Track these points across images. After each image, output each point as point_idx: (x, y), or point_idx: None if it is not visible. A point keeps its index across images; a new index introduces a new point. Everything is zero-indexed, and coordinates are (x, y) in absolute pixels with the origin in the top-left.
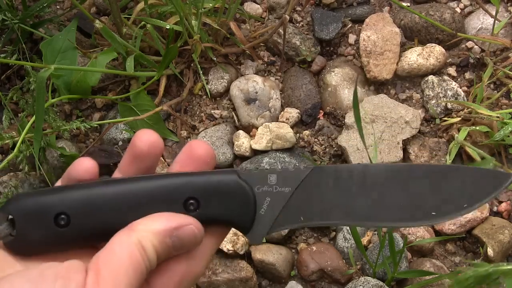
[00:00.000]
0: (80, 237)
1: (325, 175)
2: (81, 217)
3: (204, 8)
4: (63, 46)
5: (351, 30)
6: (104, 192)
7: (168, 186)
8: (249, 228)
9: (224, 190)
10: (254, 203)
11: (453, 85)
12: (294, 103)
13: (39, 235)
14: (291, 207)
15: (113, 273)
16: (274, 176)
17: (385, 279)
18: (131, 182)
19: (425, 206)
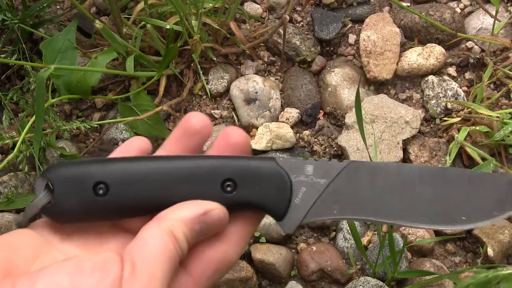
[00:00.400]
0: (117, 208)
1: (361, 170)
2: (120, 187)
3: (204, 8)
4: (63, 46)
5: (351, 30)
6: (145, 165)
7: (207, 166)
8: (282, 215)
9: (261, 175)
10: (290, 191)
11: (453, 85)
12: (294, 103)
13: (77, 203)
14: (326, 199)
15: (148, 265)
16: (311, 167)
17: (385, 279)
18: (172, 159)
19: (456, 211)
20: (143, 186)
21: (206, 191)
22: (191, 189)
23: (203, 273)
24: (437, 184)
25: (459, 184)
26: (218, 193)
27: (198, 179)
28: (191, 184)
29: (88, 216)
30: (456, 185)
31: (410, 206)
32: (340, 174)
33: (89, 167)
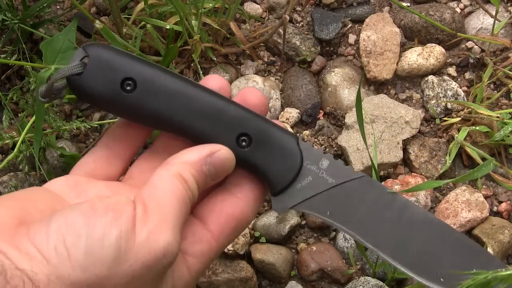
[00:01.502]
0: (138, 109)
1: (370, 190)
2: (146, 90)
3: (204, 8)
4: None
5: (351, 30)
6: (177, 82)
7: (232, 112)
8: (279, 192)
9: (277, 146)
10: (297, 173)
11: (453, 85)
12: (294, 103)
13: (103, 88)
14: (326, 198)
15: (159, 204)
16: (327, 162)
17: (385, 279)
18: (204, 90)
19: (441, 270)
20: (168, 99)
21: (221, 134)
22: (209, 127)
23: (222, 229)
24: (437, 238)
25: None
26: (231, 142)
27: (218, 120)
28: (210, 122)
29: (109, 106)
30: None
31: (398, 244)
32: (350, 182)
33: (125, 60)
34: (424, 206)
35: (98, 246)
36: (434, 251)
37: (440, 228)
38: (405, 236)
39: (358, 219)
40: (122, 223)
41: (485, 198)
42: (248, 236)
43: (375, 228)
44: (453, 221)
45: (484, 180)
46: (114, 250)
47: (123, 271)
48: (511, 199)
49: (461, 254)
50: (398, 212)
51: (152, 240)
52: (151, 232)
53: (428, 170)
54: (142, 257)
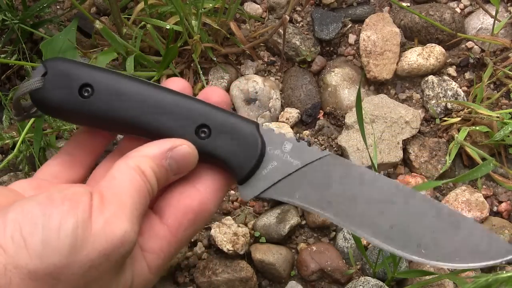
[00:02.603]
0: (97, 113)
1: (336, 166)
2: (103, 94)
3: (204, 8)
4: (63, 46)
5: (351, 30)
6: (132, 83)
7: (188, 105)
8: (244, 180)
9: (237, 133)
10: (260, 158)
11: (453, 85)
12: (294, 103)
13: (63, 97)
14: (292, 181)
15: (117, 194)
16: (290, 145)
17: (385, 279)
18: (159, 88)
19: (419, 240)
20: (125, 99)
21: (180, 128)
22: (168, 122)
23: (180, 222)
24: (407, 208)
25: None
26: (191, 134)
27: (176, 115)
28: (168, 118)
29: (71, 115)
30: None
31: (373, 219)
32: (315, 162)
33: (81, 68)
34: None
35: (54, 235)
36: (412, 222)
37: (415, 197)
38: (379, 210)
39: (328, 198)
40: (79, 213)
41: (485, 198)
42: (248, 236)
43: (347, 205)
44: None
45: (484, 180)
46: (71, 239)
47: (81, 259)
48: (511, 199)
49: (440, 222)
50: (368, 186)
51: (109, 229)
52: (108, 221)
53: (428, 170)
54: (99, 246)
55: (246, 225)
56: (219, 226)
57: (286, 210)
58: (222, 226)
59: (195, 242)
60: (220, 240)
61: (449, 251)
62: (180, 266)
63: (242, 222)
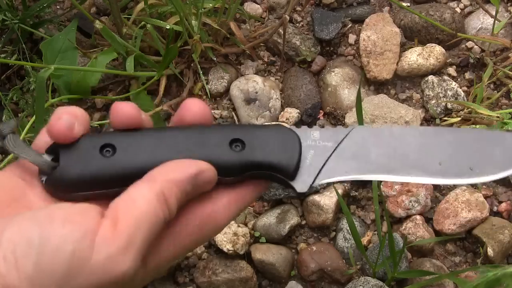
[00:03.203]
0: (125, 169)
1: (366, 134)
2: (127, 148)
3: (204, 8)
4: (63, 46)
5: (351, 30)
6: (153, 131)
7: (213, 129)
8: (294, 175)
9: (270, 135)
10: (299, 151)
11: (453, 85)
12: (294, 103)
13: (83, 167)
14: (335, 160)
15: (132, 226)
16: (317, 132)
17: (385, 279)
18: (176, 128)
19: (468, 165)
20: (150, 148)
21: (214, 150)
22: (199, 149)
23: (185, 227)
24: (445, 143)
25: (467, 142)
26: (227, 151)
27: (205, 140)
28: (198, 145)
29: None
30: (464, 143)
31: (419, 163)
32: (347, 137)
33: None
34: (424, 205)
35: (49, 259)
36: (454, 151)
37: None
38: (422, 153)
39: (373, 162)
40: (78, 239)
41: (485, 198)
42: (248, 236)
43: (392, 161)
44: (453, 221)
45: None
46: (65, 266)
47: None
48: (511, 199)
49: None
50: (400, 137)
51: (110, 265)
52: (111, 256)
53: None
54: (95, 278)
55: (246, 225)
56: None
57: (286, 210)
58: None
59: None
60: (220, 240)
61: (495, 163)
62: (180, 266)
63: (242, 222)
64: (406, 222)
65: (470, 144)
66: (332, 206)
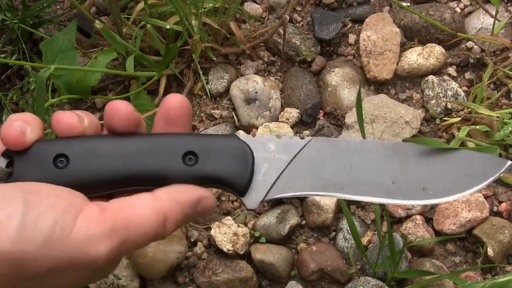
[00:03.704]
0: (78, 181)
1: (323, 147)
2: (81, 159)
3: (204, 8)
4: (63, 46)
5: (351, 30)
6: (106, 141)
7: (168, 139)
8: (245, 191)
9: (223, 149)
10: (252, 165)
11: (453, 85)
12: (294, 103)
13: (37, 175)
14: (288, 175)
15: (120, 221)
16: (273, 144)
17: (385, 279)
18: (131, 136)
19: (421, 185)
20: (104, 159)
21: (166, 163)
22: (152, 162)
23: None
24: (401, 160)
25: (426, 159)
26: (179, 165)
27: (158, 152)
28: (152, 157)
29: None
30: (422, 160)
31: (373, 181)
32: (302, 150)
33: (50, 141)
34: (424, 206)
35: (31, 224)
36: (409, 170)
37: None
38: (376, 171)
39: (328, 179)
40: (61, 211)
41: (485, 198)
42: (248, 236)
43: (346, 178)
44: (453, 221)
45: None
46: (46, 234)
47: (49, 257)
48: (511, 199)
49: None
50: (357, 152)
51: (87, 244)
52: (91, 237)
53: None
54: (70, 252)
55: (246, 225)
56: (219, 226)
57: (286, 210)
58: (222, 226)
59: (195, 242)
60: (220, 240)
61: (452, 183)
62: (180, 266)
63: (242, 222)
64: (406, 222)
65: (426, 161)
66: (332, 206)
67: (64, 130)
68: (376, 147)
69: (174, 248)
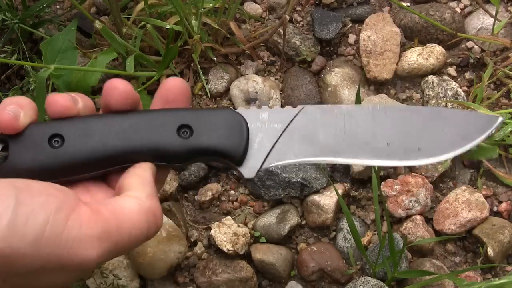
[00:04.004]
0: (74, 160)
1: (315, 114)
2: (76, 138)
3: (204, 8)
4: (63, 46)
5: (351, 30)
6: (101, 118)
7: (162, 114)
8: (241, 160)
9: (217, 120)
10: (247, 135)
11: (453, 85)
12: (294, 103)
13: (33, 157)
14: (283, 143)
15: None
16: (266, 113)
17: (385, 279)
18: (126, 113)
19: (416, 146)
20: (99, 136)
21: (161, 137)
22: (147, 136)
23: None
24: (394, 122)
25: (417, 121)
26: (174, 138)
27: (153, 126)
28: (148, 132)
29: (45, 172)
30: (413, 122)
31: (368, 144)
32: (295, 118)
33: (44, 122)
34: (424, 205)
35: (22, 221)
36: (402, 132)
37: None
38: (370, 134)
39: (322, 144)
40: (53, 210)
41: (485, 198)
42: (248, 236)
43: (341, 143)
44: (453, 221)
45: (484, 180)
46: (37, 232)
47: (39, 255)
48: (511, 199)
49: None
50: (350, 117)
51: (78, 246)
52: (82, 239)
53: (428, 169)
54: (60, 252)
55: (246, 225)
56: (219, 226)
57: (286, 210)
58: (222, 226)
59: (195, 242)
60: (220, 240)
61: (445, 143)
62: (180, 266)
63: (242, 222)
64: (406, 222)
65: (419, 123)
66: (332, 206)
67: (58, 112)
68: (369, 110)
69: (174, 248)
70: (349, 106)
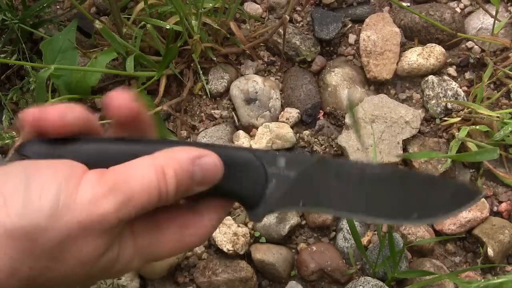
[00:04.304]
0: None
1: (328, 167)
2: (94, 167)
3: (204, 8)
4: (63, 46)
5: (351, 30)
6: (120, 147)
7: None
8: (254, 205)
9: (237, 164)
10: (265, 181)
11: (453, 85)
12: (294, 103)
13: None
14: (294, 191)
15: (120, 178)
16: (283, 160)
17: (385, 279)
18: (146, 143)
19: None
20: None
21: None
22: None
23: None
24: (396, 184)
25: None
26: None
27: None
28: None
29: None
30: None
31: (374, 202)
32: (310, 168)
33: (64, 147)
34: None
35: (36, 196)
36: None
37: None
38: (379, 194)
39: (331, 197)
40: (63, 178)
41: (485, 198)
42: (248, 236)
43: (349, 197)
44: (453, 221)
45: (484, 180)
46: (52, 203)
47: (60, 226)
48: (511, 199)
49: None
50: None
51: (94, 204)
52: (95, 196)
53: (428, 169)
54: (79, 217)
55: (246, 225)
56: (219, 226)
57: None
58: (222, 226)
59: None
60: (220, 240)
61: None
62: (180, 266)
63: (242, 222)
64: None
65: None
66: None
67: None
68: (379, 169)
69: None
70: (362, 163)
